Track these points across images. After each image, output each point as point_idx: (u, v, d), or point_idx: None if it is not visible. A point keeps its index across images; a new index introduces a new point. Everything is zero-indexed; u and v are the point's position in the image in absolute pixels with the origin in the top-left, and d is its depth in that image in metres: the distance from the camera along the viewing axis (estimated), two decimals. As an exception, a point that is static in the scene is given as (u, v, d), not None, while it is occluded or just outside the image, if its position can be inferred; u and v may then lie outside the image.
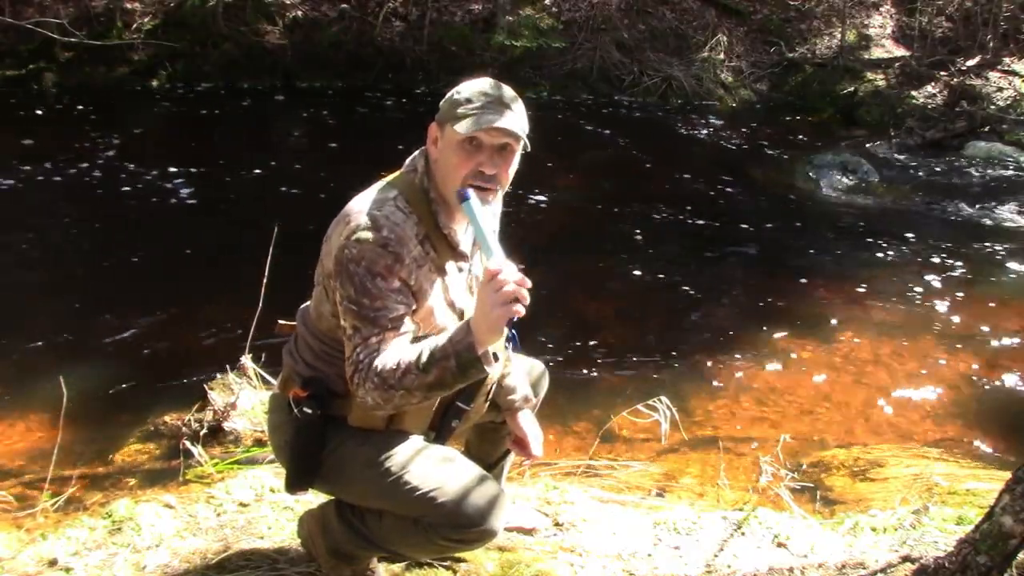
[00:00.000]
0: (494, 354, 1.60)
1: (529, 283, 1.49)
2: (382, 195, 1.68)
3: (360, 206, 1.65)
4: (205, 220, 5.86)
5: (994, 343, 4.56)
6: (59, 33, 8.38)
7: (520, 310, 1.48)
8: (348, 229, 1.62)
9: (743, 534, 2.42)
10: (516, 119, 1.64)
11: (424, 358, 1.57)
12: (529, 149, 1.68)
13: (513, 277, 1.48)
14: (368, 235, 1.60)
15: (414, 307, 1.66)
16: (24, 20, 8.20)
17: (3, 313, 4.28)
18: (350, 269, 1.60)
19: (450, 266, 1.74)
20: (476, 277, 1.86)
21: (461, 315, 1.78)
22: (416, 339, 1.68)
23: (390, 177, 1.75)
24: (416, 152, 1.76)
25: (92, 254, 5.18)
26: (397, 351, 1.61)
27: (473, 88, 1.66)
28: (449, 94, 1.69)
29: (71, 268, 4.98)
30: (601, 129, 9.38)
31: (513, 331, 1.71)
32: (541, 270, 5.10)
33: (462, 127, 1.61)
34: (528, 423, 1.99)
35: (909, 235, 6.38)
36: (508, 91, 1.68)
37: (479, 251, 1.84)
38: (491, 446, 2.13)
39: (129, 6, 9.99)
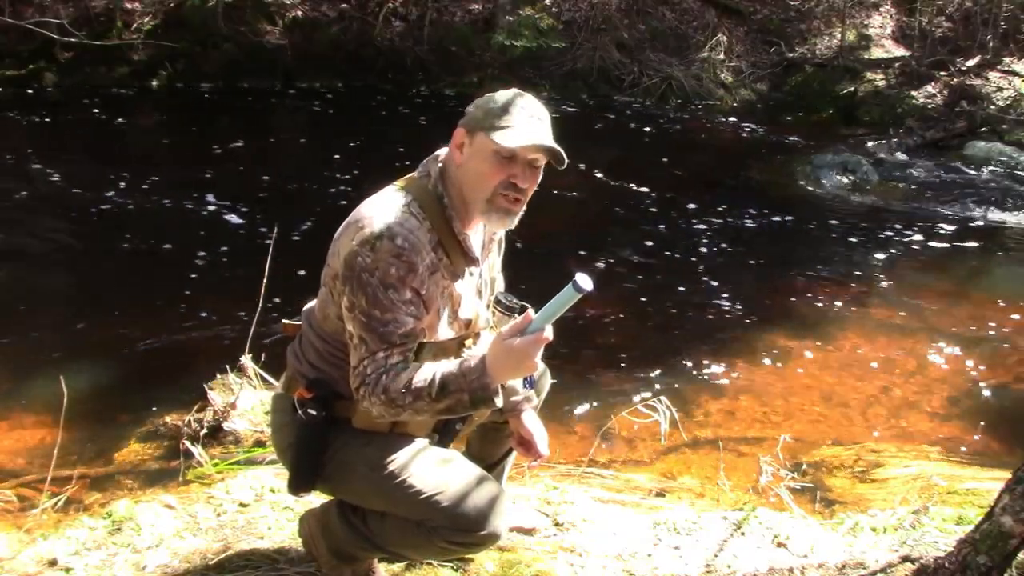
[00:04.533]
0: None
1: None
2: (396, 200, 1.65)
3: (373, 211, 1.63)
4: (205, 220, 5.86)
5: (994, 343, 4.56)
6: (59, 33, 8.38)
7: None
8: (361, 235, 1.60)
9: (743, 534, 2.42)
10: (550, 137, 1.63)
11: (436, 387, 1.58)
12: (564, 166, 1.65)
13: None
14: (383, 243, 1.58)
15: (424, 316, 1.66)
16: (24, 20, 8.19)
17: (3, 313, 4.28)
18: (363, 278, 1.59)
19: (462, 271, 1.74)
20: (485, 281, 1.86)
21: (467, 324, 1.78)
22: (422, 347, 1.68)
23: (401, 182, 1.73)
24: (428, 158, 1.75)
25: (92, 254, 5.18)
26: (407, 372, 1.61)
27: (509, 99, 1.63)
28: (481, 101, 1.66)
29: (71, 268, 4.98)
30: (601, 129, 9.39)
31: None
32: (540, 270, 5.10)
33: (503, 139, 1.59)
34: (533, 423, 1.98)
35: (909, 235, 6.39)
36: (541, 106, 1.66)
37: (488, 257, 1.86)
38: (493, 446, 2.13)
39: (129, 6, 9.99)
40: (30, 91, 8.89)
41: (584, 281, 1.43)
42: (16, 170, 6.42)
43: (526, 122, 1.61)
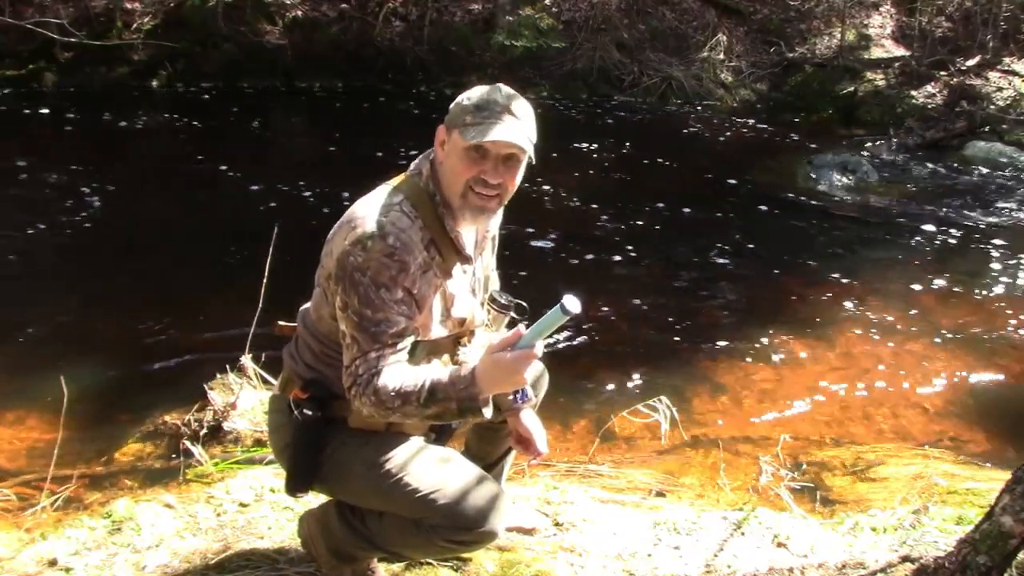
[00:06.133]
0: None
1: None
2: (388, 200, 1.66)
3: (365, 211, 1.64)
4: (205, 220, 5.86)
5: (994, 343, 4.55)
6: (59, 33, 8.39)
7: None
8: (354, 235, 1.60)
9: (743, 534, 2.42)
10: (523, 130, 1.62)
11: (425, 393, 1.58)
12: (534, 162, 1.67)
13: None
14: (374, 243, 1.58)
15: (416, 315, 1.66)
16: (24, 20, 8.20)
17: (3, 313, 4.28)
18: (355, 278, 1.59)
19: (455, 270, 1.74)
20: (479, 280, 1.85)
21: (461, 323, 1.78)
22: (416, 345, 1.68)
23: (395, 181, 1.73)
24: (421, 156, 1.75)
25: (92, 254, 5.18)
26: (398, 375, 1.61)
27: (483, 95, 1.64)
28: (459, 98, 1.67)
29: (71, 268, 4.98)
30: (601, 129, 9.39)
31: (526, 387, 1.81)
32: (541, 270, 5.11)
33: (468, 136, 1.59)
34: (531, 422, 1.98)
35: (909, 235, 6.39)
36: (518, 99, 1.65)
37: (482, 255, 1.86)
38: (491, 446, 2.13)
39: (129, 6, 10.00)
40: (30, 92, 8.89)
41: (572, 304, 1.45)
42: (15, 170, 6.42)
43: (496, 117, 1.60)
